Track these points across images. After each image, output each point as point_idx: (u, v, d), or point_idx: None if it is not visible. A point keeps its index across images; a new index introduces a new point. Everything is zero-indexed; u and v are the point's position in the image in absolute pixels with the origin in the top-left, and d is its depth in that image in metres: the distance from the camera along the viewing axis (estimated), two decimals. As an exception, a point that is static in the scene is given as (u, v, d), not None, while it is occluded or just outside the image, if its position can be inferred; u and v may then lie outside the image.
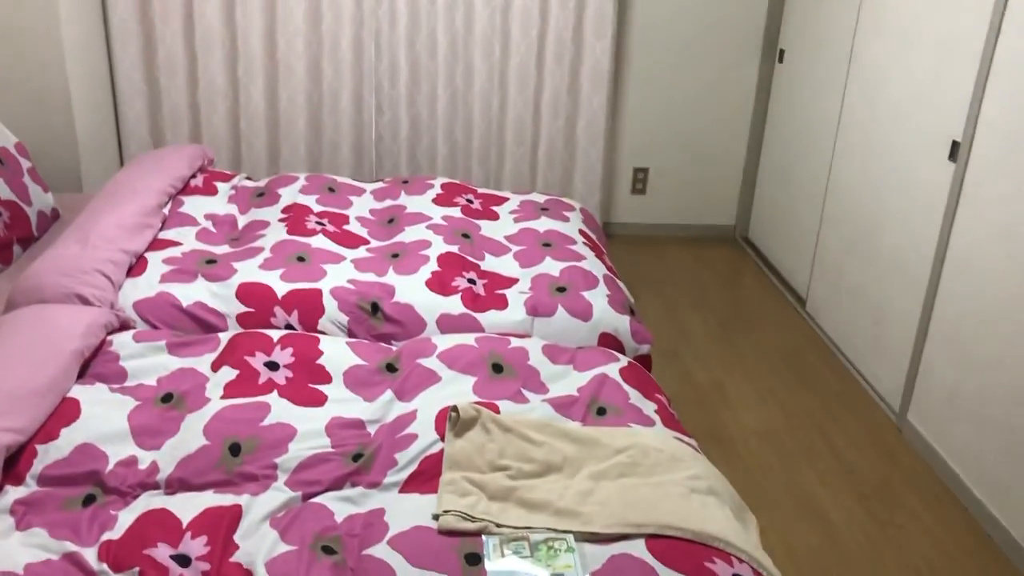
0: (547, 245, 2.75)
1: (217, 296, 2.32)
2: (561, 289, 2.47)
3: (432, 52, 3.81)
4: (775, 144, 4.03)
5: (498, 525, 1.56)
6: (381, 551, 1.48)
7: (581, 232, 2.91)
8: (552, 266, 2.61)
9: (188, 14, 3.65)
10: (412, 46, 3.80)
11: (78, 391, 1.85)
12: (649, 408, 1.97)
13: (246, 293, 2.32)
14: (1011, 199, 2.31)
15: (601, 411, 1.93)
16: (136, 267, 2.41)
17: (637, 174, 4.25)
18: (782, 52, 3.96)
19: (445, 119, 3.91)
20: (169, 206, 2.80)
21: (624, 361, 2.14)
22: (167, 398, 1.87)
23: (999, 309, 2.36)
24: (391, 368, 2.04)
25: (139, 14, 3.63)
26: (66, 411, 1.77)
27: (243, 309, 2.29)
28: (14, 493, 1.59)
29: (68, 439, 1.70)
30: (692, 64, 4.07)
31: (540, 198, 3.18)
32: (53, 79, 3.24)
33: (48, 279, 2.20)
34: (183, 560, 1.44)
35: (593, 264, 2.66)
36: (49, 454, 1.67)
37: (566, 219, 2.99)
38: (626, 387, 2.01)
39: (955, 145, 2.56)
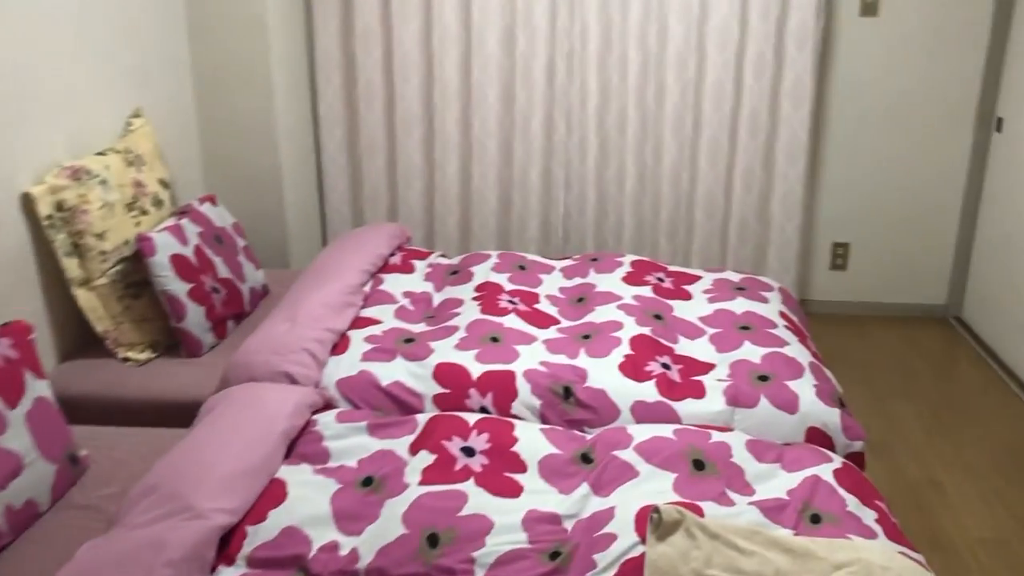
0: (745, 328, 2.62)
1: (415, 376, 2.35)
2: (763, 378, 2.34)
3: (622, 128, 3.80)
4: (994, 219, 3.71)
5: (707, 644, 1.44)
6: (583, 665, 1.40)
7: (782, 315, 2.76)
8: (752, 352, 2.48)
9: (390, 98, 3.83)
10: (602, 123, 3.81)
11: (284, 471, 1.90)
12: (869, 517, 1.80)
13: (443, 374, 2.34)
14: None
15: (815, 519, 1.78)
16: (339, 345, 2.48)
17: (837, 249, 4.03)
18: (1000, 120, 3.67)
19: (633, 194, 3.88)
20: (370, 284, 2.89)
21: (838, 462, 1.98)
22: (367, 481, 1.89)
23: None
24: (586, 459, 1.98)
25: (344, 99, 3.84)
26: (274, 492, 1.81)
27: (439, 390, 2.31)
28: (226, 573, 1.64)
29: (275, 521, 1.74)
30: (897, 133, 3.84)
31: (735, 276, 3.05)
32: (267, 163, 3.47)
33: (259, 357, 2.30)
34: (383, 659, 1.42)
35: (797, 350, 2.50)
36: (258, 535, 1.71)
37: (764, 300, 2.85)
38: (842, 492, 1.85)
39: None
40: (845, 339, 3.85)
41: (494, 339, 2.51)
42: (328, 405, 2.23)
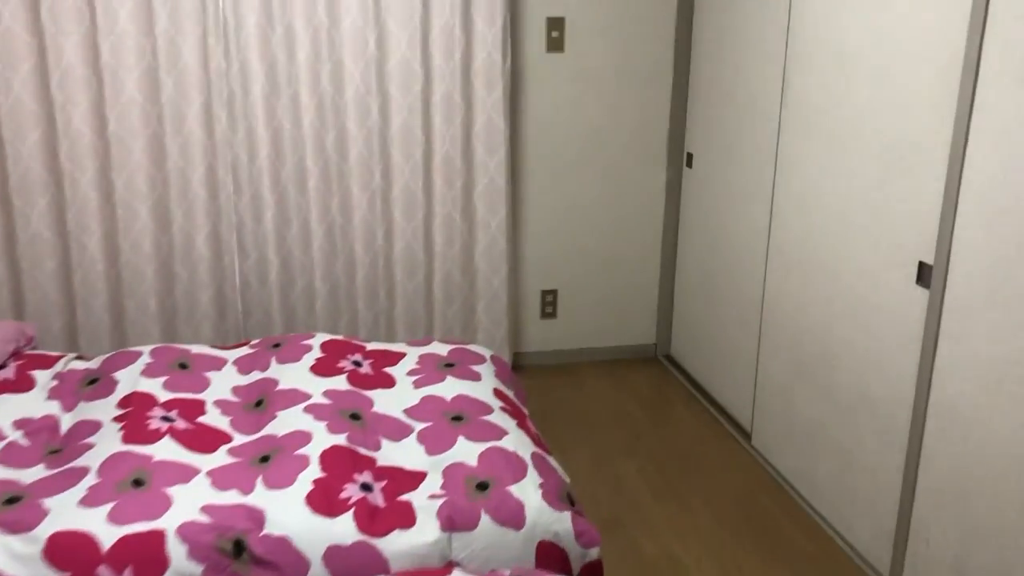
0: (458, 419, 2.24)
1: (17, 558, 1.69)
2: (483, 486, 1.95)
3: (301, 182, 3.31)
4: (691, 255, 3.67)
5: None
6: None
7: (496, 393, 2.41)
8: (467, 450, 2.10)
9: (0, 159, 3.04)
10: (277, 177, 3.29)
11: None
12: (622, 675, 1.46)
13: (58, 549, 1.71)
14: (1001, 333, 1.95)
15: None
16: (-98, 524, 1.76)
17: (546, 297, 3.81)
18: (690, 156, 3.64)
19: (322, 256, 3.39)
20: (-37, 416, 2.16)
21: (578, 596, 1.63)
22: None
23: (1005, 466, 1.97)
24: (263, 657, 1.47)
25: (-63, 162, 3.00)
26: None
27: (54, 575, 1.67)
28: None
29: None
30: (594, 174, 3.70)
31: (443, 349, 2.67)
32: None
33: None
34: None
35: (517, 440, 2.16)
36: None
37: (476, 376, 2.49)
38: (588, 647, 1.49)
39: (923, 267, 2.20)
40: (561, 390, 3.63)
41: (137, 482, 1.91)
42: None
